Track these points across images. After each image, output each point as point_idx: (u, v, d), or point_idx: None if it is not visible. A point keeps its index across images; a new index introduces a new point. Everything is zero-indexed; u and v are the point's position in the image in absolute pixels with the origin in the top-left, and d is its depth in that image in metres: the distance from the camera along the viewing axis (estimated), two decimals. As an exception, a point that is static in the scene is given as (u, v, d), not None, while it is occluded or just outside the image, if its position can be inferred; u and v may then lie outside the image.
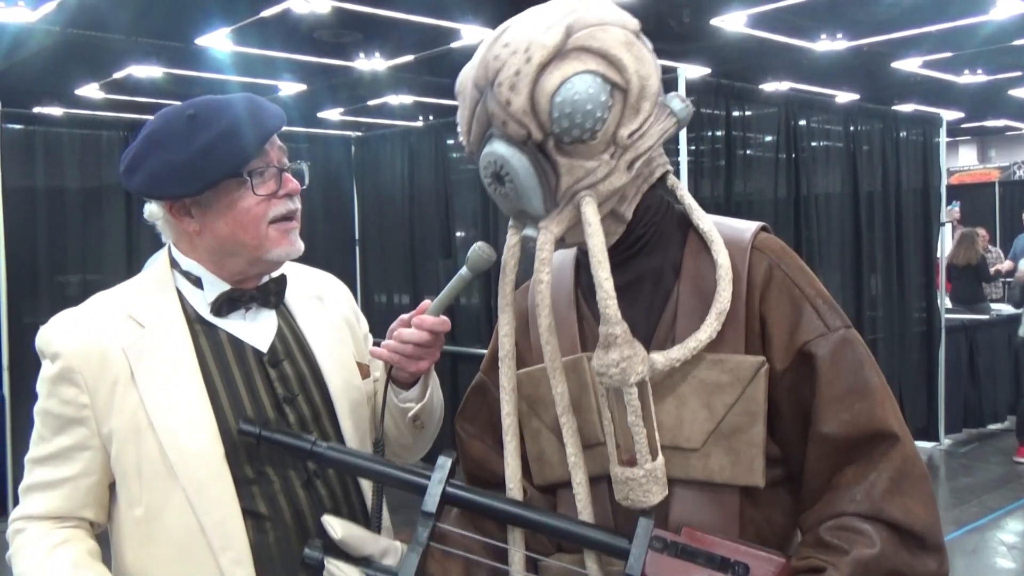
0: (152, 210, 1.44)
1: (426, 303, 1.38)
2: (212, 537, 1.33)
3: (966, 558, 4.79)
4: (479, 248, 1.33)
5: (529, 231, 1.18)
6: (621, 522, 1.21)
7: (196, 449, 1.34)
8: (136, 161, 1.39)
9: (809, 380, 1.15)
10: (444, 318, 1.38)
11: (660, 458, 1.13)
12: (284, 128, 1.43)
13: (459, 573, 1.21)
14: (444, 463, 1.20)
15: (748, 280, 1.19)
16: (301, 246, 1.44)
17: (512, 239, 1.22)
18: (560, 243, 1.18)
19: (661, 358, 1.14)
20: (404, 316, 1.39)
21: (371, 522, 1.42)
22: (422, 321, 1.37)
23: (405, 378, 1.45)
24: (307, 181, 1.46)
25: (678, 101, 1.18)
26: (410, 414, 1.45)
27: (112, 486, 1.40)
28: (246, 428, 1.33)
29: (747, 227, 1.25)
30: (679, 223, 1.27)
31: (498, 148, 1.13)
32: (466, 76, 1.18)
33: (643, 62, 1.14)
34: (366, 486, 1.48)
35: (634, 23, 1.16)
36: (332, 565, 1.15)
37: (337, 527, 1.18)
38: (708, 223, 1.23)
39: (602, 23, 1.12)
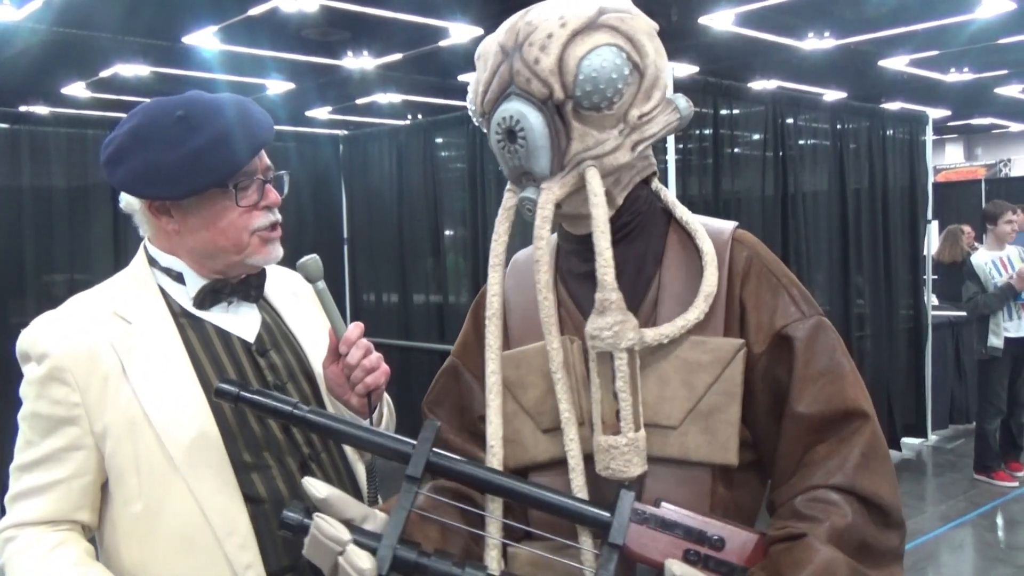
0: (129, 200, 1.43)
1: (333, 337, 1.42)
2: (216, 524, 1.33)
3: (953, 554, 4.73)
4: (305, 260, 1.45)
5: (529, 192, 1.22)
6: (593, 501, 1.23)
7: (194, 438, 1.35)
8: (120, 153, 1.37)
9: (786, 362, 1.22)
10: (357, 323, 1.44)
11: (642, 431, 1.18)
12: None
13: (437, 538, 1.22)
14: (430, 427, 1.19)
15: (730, 268, 1.26)
16: (280, 253, 1.46)
17: (509, 202, 1.26)
18: (556, 210, 1.23)
19: (652, 332, 1.20)
20: (324, 361, 1.45)
21: (367, 504, 1.42)
22: (347, 340, 1.41)
23: (359, 406, 1.46)
24: (286, 190, 1.48)
25: (684, 101, 1.27)
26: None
27: (104, 487, 1.39)
28: (225, 388, 1.24)
29: (726, 223, 1.33)
30: (662, 218, 1.34)
31: (517, 105, 1.19)
32: (491, 42, 1.25)
33: (660, 55, 1.23)
34: (359, 469, 1.49)
35: (654, 24, 1.25)
36: (320, 518, 1.12)
37: (320, 488, 1.16)
38: (690, 216, 1.32)
39: (630, 12, 1.23)
